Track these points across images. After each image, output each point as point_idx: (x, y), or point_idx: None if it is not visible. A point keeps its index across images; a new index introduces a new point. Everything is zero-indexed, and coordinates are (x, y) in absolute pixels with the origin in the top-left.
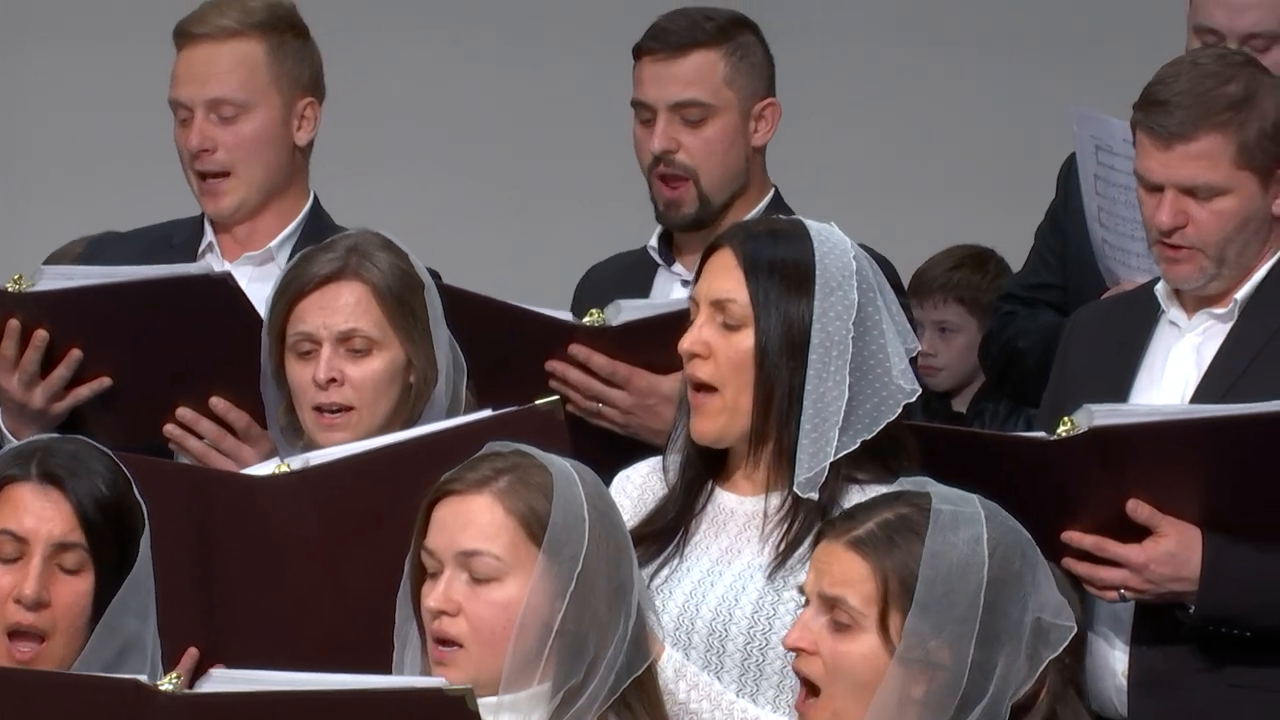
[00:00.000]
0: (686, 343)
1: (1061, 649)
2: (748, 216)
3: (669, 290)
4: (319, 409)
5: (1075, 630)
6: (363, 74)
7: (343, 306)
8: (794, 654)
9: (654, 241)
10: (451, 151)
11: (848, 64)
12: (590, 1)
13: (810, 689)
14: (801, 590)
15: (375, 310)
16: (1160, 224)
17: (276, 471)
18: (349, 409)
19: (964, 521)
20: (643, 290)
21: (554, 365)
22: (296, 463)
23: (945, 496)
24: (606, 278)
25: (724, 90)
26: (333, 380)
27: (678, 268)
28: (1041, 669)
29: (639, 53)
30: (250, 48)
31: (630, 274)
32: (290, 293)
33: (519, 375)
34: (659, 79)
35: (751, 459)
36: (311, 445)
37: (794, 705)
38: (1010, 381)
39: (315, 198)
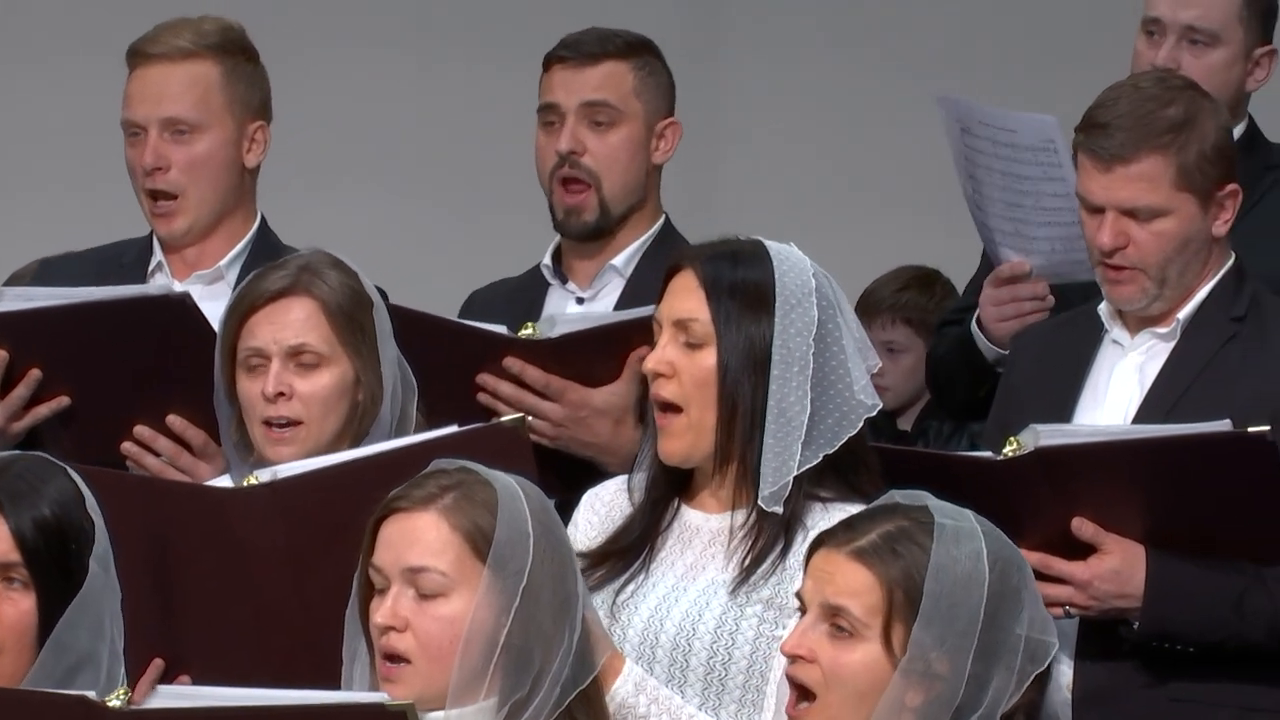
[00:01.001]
0: (651, 363)
1: (1046, 664)
2: (641, 237)
3: (563, 307)
4: (268, 423)
5: (1056, 646)
6: (310, 95)
7: (292, 321)
8: (789, 660)
9: (547, 259)
10: (397, 171)
11: (796, 87)
12: (539, 23)
13: (803, 694)
14: (798, 597)
15: (324, 326)
16: (1102, 245)
17: (246, 484)
18: (297, 423)
19: (965, 536)
20: (534, 308)
21: (484, 379)
22: (265, 475)
23: (944, 510)
24: (492, 301)
25: (632, 100)
26: (281, 394)
27: (571, 285)
28: (1027, 684)
29: (550, 62)
30: (205, 69)
31: (519, 295)
32: (242, 308)
33: (455, 389)
34: (569, 83)
35: (717, 476)
36: (262, 460)
37: (785, 710)
38: (944, 395)
39: (263, 217)
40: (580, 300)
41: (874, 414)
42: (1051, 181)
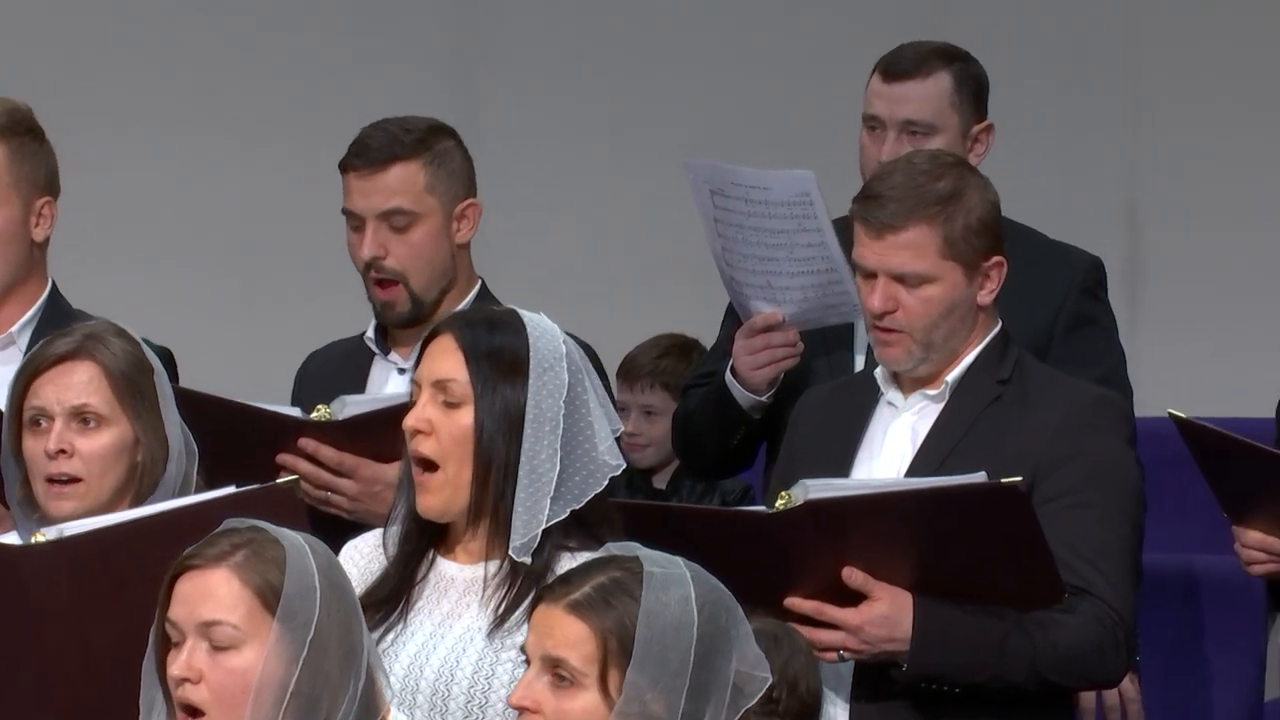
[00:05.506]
0: (410, 421)
1: (756, 699)
2: (458, 308)
3: (386, 377)
4: (50, 480)
5: (770, 680)
6: (103, 171)
7: (75, 383)
8: (517, 712)
9: (371, 333)
10: (185, 244)
11: (557, 162)
12: (314, 108)
13: None
14: (523, 651)
15: (106, 389)
16: (872, 308)
17: (33, 541)
18: (77, 480)
19: (674, 582)
20: (360, 376)
21: (284, 459)
22: (51, 533)
23: (653, 559)
24: (325, 364)
25: (426, 197)
26: (62, 451)
27: (393, 356)
28: (739, 715)
29: (344, 168)
30: None
31: (348, 361)
32: (28, 371)
33: (252, 469)
34: (364, 191)
35: (471, 529)
36: (46, 516)
37: None
38: (691, 453)
39: (54, 284)
40: (403, 371)
41: (618, 473)
42: (805, 233)
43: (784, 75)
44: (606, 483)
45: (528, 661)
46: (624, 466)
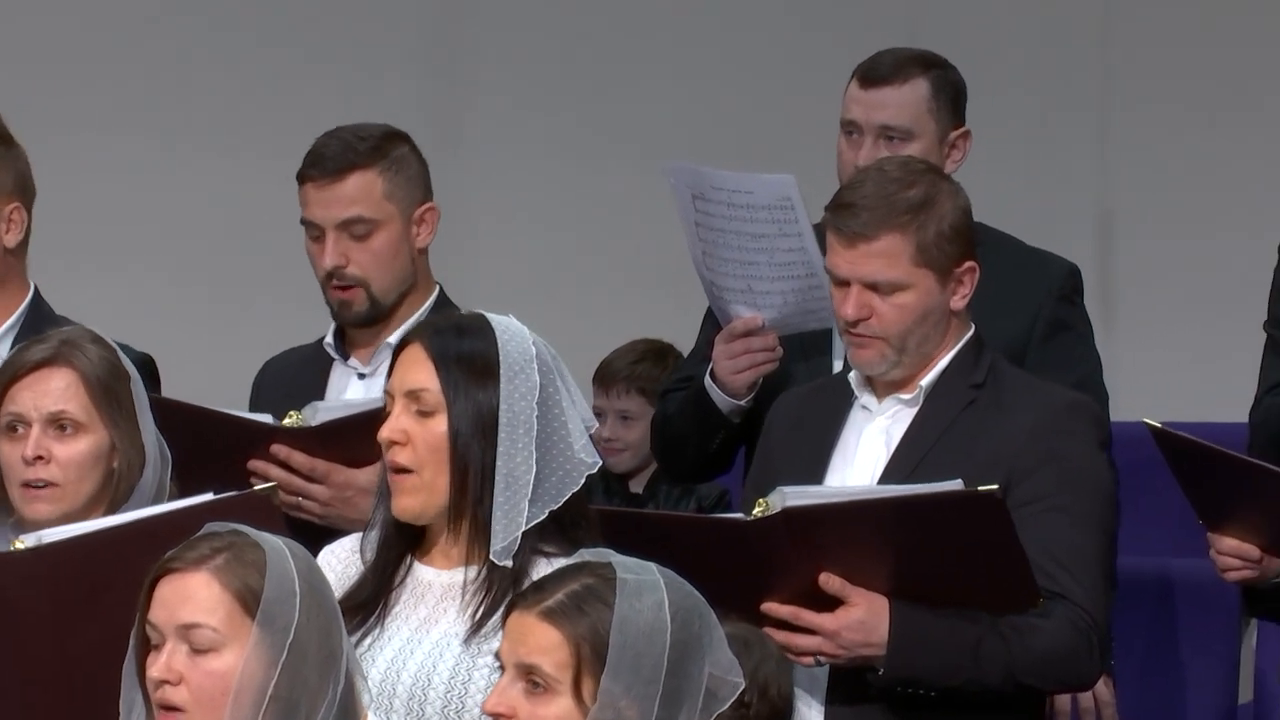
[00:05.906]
0: (385, 432)
1: (729, 704)
2: (417, 313)
3: (345, 382)
4: (26, 484)
5: (742, 685)
6: (88, 177)
7: (52, 390)
8: (492, 718)
9: (330, 338)
10: (170, 250)
11: (538, 171)
12: (294, 113)
13: None
14: (497, 657)
15: (83, 395)
16: (846, 315)
17: (13, 548)
18: (54, 485)
19: (647, 588)
20: (320, 382)
21: (256, 465)
22: (31, 540)
23: (627, 565)
24: (283, 371)
25: (385, 204)
26: (39, 458)
27: (353, 361)
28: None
29: (301, 179)
30: None
31: (306, 367)
32: (5, 377)
33: (225, 476)
34: (323, 202)
35: (449, 534)
36: (20, 521)
37: None
38: (671, 457)
39: (35, 289)
40: (362, 376)
41: (594, 470)
42: (786, 237)
43: (763, 80)
44: (584, 481)
45: (502, 668)
46: (600, 464)
